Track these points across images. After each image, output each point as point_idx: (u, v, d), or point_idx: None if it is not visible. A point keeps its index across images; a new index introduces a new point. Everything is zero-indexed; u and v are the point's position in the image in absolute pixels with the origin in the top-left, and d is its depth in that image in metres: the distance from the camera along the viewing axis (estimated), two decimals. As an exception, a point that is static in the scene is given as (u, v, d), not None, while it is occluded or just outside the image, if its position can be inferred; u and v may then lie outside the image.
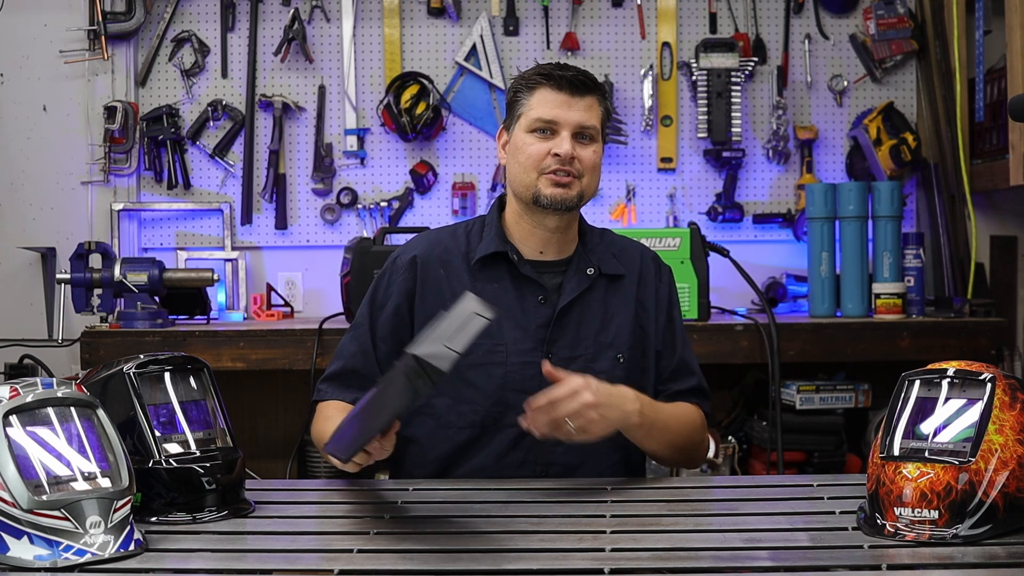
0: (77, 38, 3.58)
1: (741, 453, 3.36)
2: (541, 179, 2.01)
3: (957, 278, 3.54)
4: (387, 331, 2.08)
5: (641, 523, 1.67)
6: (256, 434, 3.61)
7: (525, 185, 2.03)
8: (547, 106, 2.01)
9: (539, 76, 2.03)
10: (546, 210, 2.02)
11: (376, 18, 3.70)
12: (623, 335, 2.08)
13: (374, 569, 1.46)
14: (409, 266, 2.09)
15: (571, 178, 2.00)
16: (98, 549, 1.46)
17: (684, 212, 3.71)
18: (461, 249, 2.10)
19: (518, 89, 2.06)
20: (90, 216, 3.63)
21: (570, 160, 1.99)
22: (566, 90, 2.01)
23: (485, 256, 2.07)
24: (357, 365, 2.08)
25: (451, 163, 3.71)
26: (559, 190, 2.00)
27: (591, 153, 2.03)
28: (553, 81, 2.01)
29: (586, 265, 2.09)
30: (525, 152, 2.02)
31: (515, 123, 2.05)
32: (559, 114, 2.00)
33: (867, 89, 3.73)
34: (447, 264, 2.09)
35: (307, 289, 3.71)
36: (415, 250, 2.11)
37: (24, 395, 1.52)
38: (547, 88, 2.01)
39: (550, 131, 2.01)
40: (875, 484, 1.58)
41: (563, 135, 2.00)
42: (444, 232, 2.15)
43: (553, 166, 2.00)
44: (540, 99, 2.02)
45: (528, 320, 2.05)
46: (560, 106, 2.00)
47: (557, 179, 2.00)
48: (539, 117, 2.01)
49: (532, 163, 2.01)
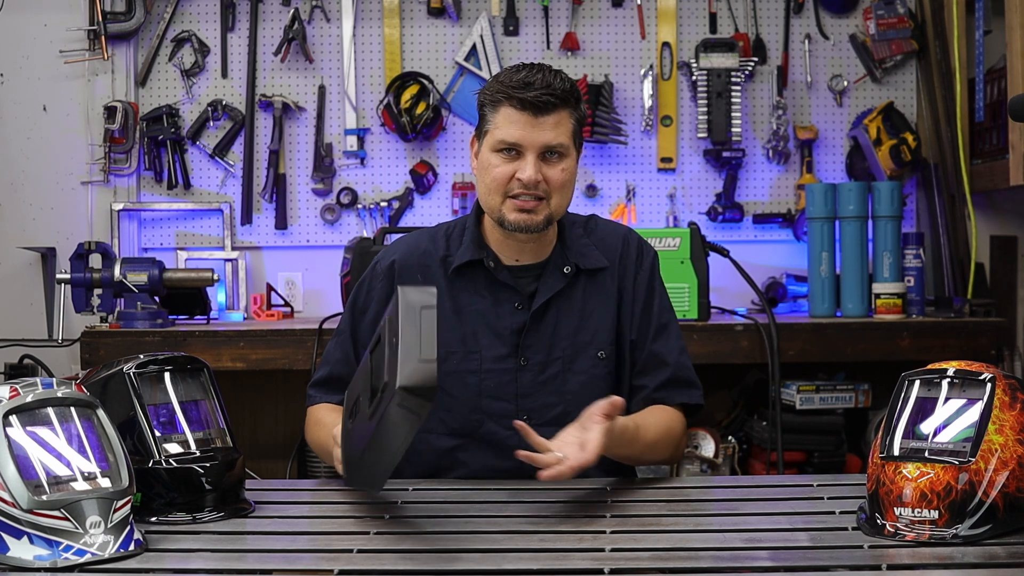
0: (77, 38, 3.58)
1: (741, 453, 3.36)
2: (506, 203, 1.96)
3: (957, 278, 3.54)
4: (367, 337, 2.07)
5: (641, 523, 1.67)
6: (256, 434, 3.61)
7: (491, 206, 1.99)
8: (511, 128, 1.93)
9: (501, 94, 1.94)
10: (513, 232, 1.99)
11: (376, 18, 3.70)
12: (603, 331, 2.05)
13: (374, 569, 1.46)
14: (387, 272, 2.09)
15: (536, 202, 1.95)
16: (98, 549, 1.46)
17: (684, 212, 3.71)
18: (440, 253, 2.08)
19: (483, 102, 1.98)
20: (90, 216, 3.63)
21: (535, 184, 1.94)
22: (529, 111, 1.92)
23: (462, 264, 2.05)
24: (342, 372, 2.09)
25: (451, 163, 3.71)
26: (523, 215, 1.95)
27: (559, 172, 1.95)
28: (516, 102, 1.92)
29: (563, 264, 2.05)
30: (490, 174, 1.96)
31: (483, 137, 1.99)
32: (523, 136, 1.93)
33: (867, 89, 3.73)
34: (425, 269, 2.08)
35: (307, 289, 3.71)
36: (394, 255, 2.11)
37: (24, 395, 1.52)
38: (510, 107, 1.93)
39: (515, 151, 1.94)
40: (875, 484, 1.58)
41: (528, 158, 1.93)
42: (424, 236, 2.13)
43: (517, 190, 1.95)
44: (504, 119, 1.94)
45: (503, 326, 2.04)
46: (524, 127, 1.92)
47: (521, 204, 1.95)
48: (503, 140, 1.94)
49: (497, 186, 1.96)
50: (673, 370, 2.06)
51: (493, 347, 2.03)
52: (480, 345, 2.03)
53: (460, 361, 2.03)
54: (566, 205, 2.02)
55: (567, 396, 2.01)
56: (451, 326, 2.04)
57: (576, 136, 2.00)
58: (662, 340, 2.07)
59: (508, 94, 1.93)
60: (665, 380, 2.05)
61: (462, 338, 2.04)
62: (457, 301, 2.05)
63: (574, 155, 2.00)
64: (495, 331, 2.04)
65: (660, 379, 2.05)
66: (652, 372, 2.05)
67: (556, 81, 1.94)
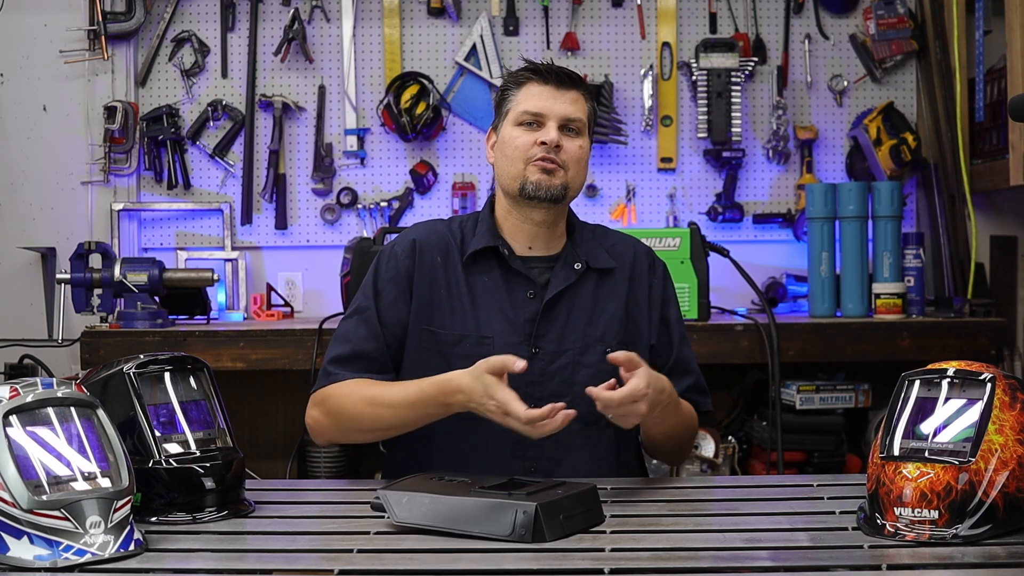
0: (77, 38, 3.58)
1: (741, 453, 3.36)
2: (529, 167, 2.04)
3: (957, 278, 3.54)
4: (391, 316, 2.09)
5: (641, 523, 1.67)
6: (256, 434, 3.60)
7: (512, 176, 2.06)
8: (534, 99, 2.06)
9: (526, 71, 2.10)
10: (532, 201, 2.05)
11: (376, 18, 3.70)
12: (612, 329, 2.10)
13: (374, 569, 1.47)
14: (409, 250, 2.12)
15: (556, 166, 2.04)
16: (98, 549, 1.46)
17: (684, 212, 3.71)
18: (456, 242, 2.13)
19: (506, 87, 2.12)
20: (90, 216, 3.63)
21: (556, 148, 2.03)
22: (552, 83, 2.06)
23: (477, 251, 2.09)
24: (368, 348, 2.07)
25: (451, 163, 3.71)
26: (544, 176, 2.03)
27: (576, 147, 2.06)
28: (539, 75, 2.07)
29: (574, 260, 2.11)
30: (512, 144, 2.06)
31: (503, 120, 2.10)
32: (545, 106, 2.05)
33: (867, 89, 3.73)
34: (445, 253, 2.12)
35: (307, 289, 3.71)
36: (414, 235, 2.15)
37: (24, 395, 1.52)
38: (534, 82, 2.07)
39: (537, 123, 2.06)
40: (875, 484, 1.58)
41: (549, 125, 2.05)
42: (440, 223, 2.19)
43: (540, 154, 2.04)
44: (527, 93, 2.07)
45: (516, 314, 2.07)
46: (546, 98, 2.06)
47: (543, 165, 2.03)
48: (526, 110, 2.06)
49: (519, 153, 2.05)
50: (695, 378, 2.16)
51: (506, 334, 2.06)
52: (493, 331, 2.06)
53: (472, 346, 2.05)
54: (580, 185, 2.10)
55: (575, 387, 2.02)
56: (465, 310, 2.07)
57: (590, 122, 2.11)
58: (685, 348, 2.17)
59: (535, 69, 2.09)
60: (689, 386, 2.14)
61: (476, 323, 2.07)
62: (472, 286, 2.09)
63: (588, 139, 2.10)
64: (508, 319, 2.07)
65: (684, 384, 2.13)
66: (677, 377, 2.10)
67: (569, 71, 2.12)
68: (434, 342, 2.07)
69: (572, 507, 1.61)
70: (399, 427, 2.03)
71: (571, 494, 1.63)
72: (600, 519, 1.66)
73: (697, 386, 2.16)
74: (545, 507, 1.56)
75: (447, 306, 2.08)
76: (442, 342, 2.06)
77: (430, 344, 2.07)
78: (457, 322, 2.07)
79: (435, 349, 2.06)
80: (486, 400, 1.84)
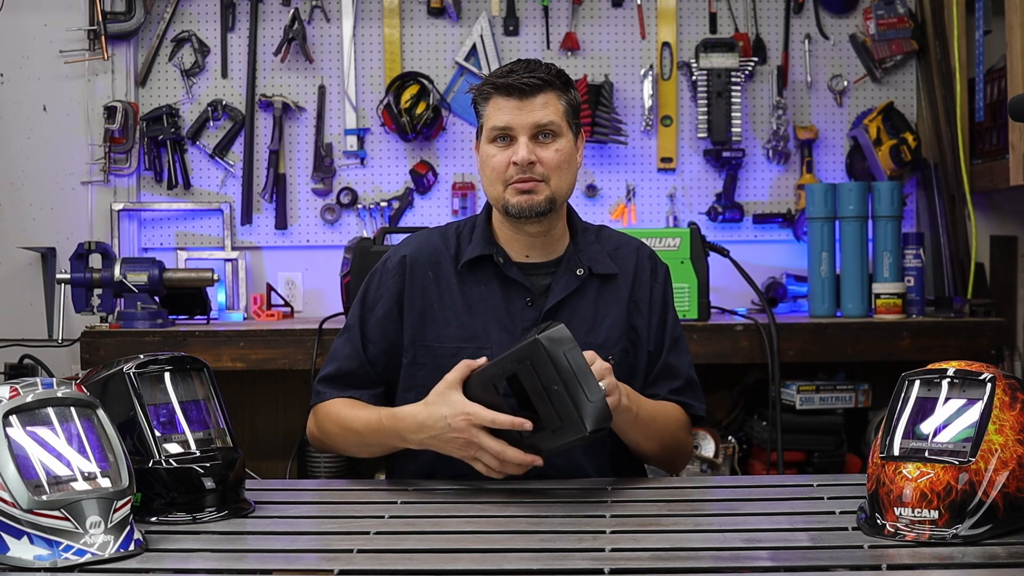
0: (77, 38, 3.58)
1: (741, 453, 3.36)
2: (507, 190, 1.99)
3: (957, 278, 3.54)
4: (377, 333, 2.08)
5: (641, 523, 1.67)
6: (256, 434, 3.60)
7: (494, 197, 2.03)
8: (500, 114, 1.99)
9: (488, 86, 2.02)
10: (519, 219, 2.01)
11: (376, 18, 3.70)
12: (614, 335, 2.07)
13: (374, 569, 1.46)
14: (398, 267, 2.10)
15: (534, 183, 1.98)
16: (98, 549, 1.46)
17: (684, 212, 3.71)
18: (451, 251, 2.10)
19: (476, 101, 2.05)
20: (90, 216, 3.63)
21: (529, 166, 1.97)
22: (515, 95, 1.98)
23: (472, 259, 2.07)
24: (352, 367, 2.09)
25: (451, 163, 3.72)
26: (523, 197, 1.98)
27: (553, 152, 1.99)
28: (502, 89, 1.99)
29: (576, 265, 2.07)
30: (489, 165, 2.01)
31: (480, 134, 2.06)
32: (511, 120, 1.98)
33: (867, 89, 3.73)
34: (436, 266, 2.09)
35: (307, 289, 3.71)
36: (405, 251, 2.12)
37: (24, 395, 1.52)
38: (498, 96, 2.00)
39: (508, 138, 1.99)
40: (875, 484, 1.58)
41: (520, 140, 1.98)
42: (435, 233, 2.15)
43: (515, 175, 1.98)
44: (494, 107, 2.00)
45: (514, 323, 2.04)
46: (512, 112, 1.98)
47: (520, 186, 1.98)
48: (495, 125, 1.99)
49: (496, 175, 2.00)
50: (684, 380, 2.12)
51: (504, 343, 2.02)
52: (491, 341, 2.04)
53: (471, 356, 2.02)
54: (568, 188, 2.04)
55: None
56: (462, 322, 2.05)
57: (570, 118, 2.03)
58: (675, 353, 2.13)
59: (494, 84, 2.00)
60: (675, 388, 2.11)
61: (473, 333, 2.05)
62: (468, 296, 2.07)
63: (569, 137, 2.02)
64: (506, 327, 2.05)
65: (670, 387, 2.11)
66: (664, 382, 2.10)
67: (539, 67, 2.01)
68: (432, 356, 2.05)
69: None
70: (373, 451, 2.03)
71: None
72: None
73: (686, 388, 2.11)
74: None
75: (441, 319, 2.06)
76: (439, 355, 2.03)
77: (428, 359, 2.05)
78: (453, 333, 2.04)
79: (433, 363, 2.03)
80: (454, 419, 1.80)
